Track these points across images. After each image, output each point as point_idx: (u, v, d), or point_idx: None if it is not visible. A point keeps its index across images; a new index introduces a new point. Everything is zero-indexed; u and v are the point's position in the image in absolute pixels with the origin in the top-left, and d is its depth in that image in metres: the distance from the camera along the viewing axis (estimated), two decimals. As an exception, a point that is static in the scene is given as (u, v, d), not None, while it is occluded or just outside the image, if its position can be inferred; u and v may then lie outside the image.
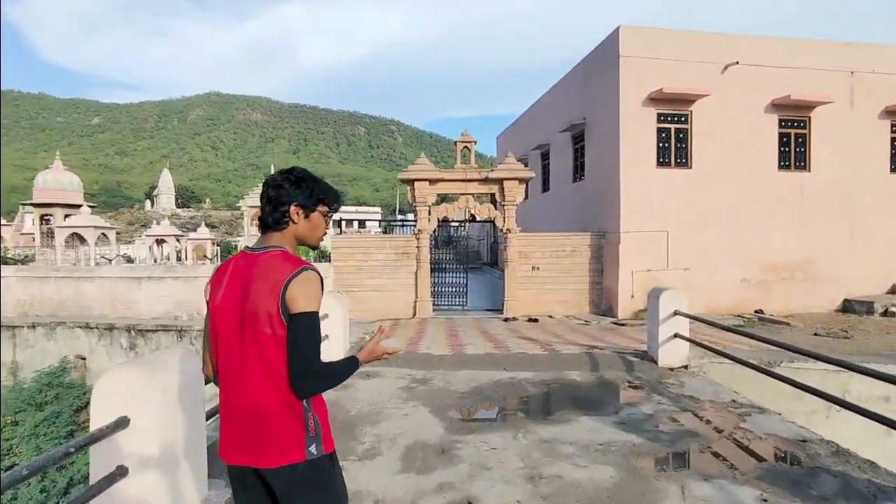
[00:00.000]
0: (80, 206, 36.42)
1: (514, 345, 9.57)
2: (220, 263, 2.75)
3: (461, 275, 16.50)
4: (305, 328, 1.91)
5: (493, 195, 15.66)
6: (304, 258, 2.09)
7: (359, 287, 15.13)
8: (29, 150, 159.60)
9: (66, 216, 30.34)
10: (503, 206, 15.13)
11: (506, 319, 14.42)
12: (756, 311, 14.72)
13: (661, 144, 14.54)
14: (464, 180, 15.06)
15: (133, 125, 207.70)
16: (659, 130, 14.49)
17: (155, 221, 44.03)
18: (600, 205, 15.55)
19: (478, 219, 16.18)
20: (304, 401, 1.99)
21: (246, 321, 1.95)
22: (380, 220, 30.96)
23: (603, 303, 15.28)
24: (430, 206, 15.37)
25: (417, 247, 15.24)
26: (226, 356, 2.01)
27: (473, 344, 9.59)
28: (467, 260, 17.07)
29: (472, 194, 15.31)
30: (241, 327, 1.96)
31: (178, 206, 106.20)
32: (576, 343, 10.00)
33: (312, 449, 1.98)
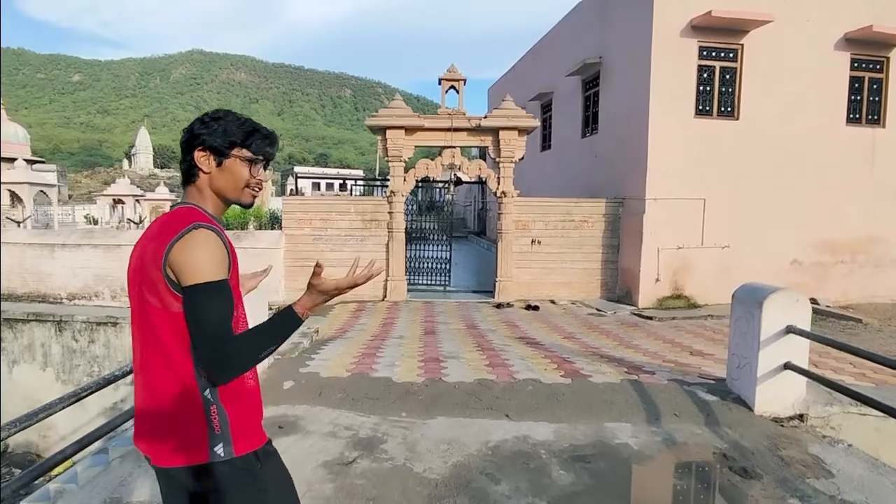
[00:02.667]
0: (31, 161, 32.86)
1: (514, 357, 6.55)
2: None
3: (444, 247, 13.43)
4: (198, 304, 1.52)
5: (484, 150, 12.53)
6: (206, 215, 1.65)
7: (316, 260, 12.02)
8: (10, 107, 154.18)
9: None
10: (498, 163, 12.00)
11: (498, 306, 11.42)
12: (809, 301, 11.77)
13: (701, 88, 11.41)
14: (449, 129, 11.88)
15: (115, 83, 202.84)
16: (700, 70, 11.33)
17: (118, 180, 40.42)
18: (618, 164, 12.45)
19: (465, 179, 13.07)
20: (206, 391, 1.60)
21: (140, 292, 1.61)
22: (363, 182, 27.47)
23: (618, 287, 12.29)
24: (405, 162, 12.22)
25: (390, 212, 12.13)
26: (132, 332, 1.71)
27: (456, 357, 6.54)
28: (451, 229, 13.97)
29: (458, 147, 12.15)
30: (137, 299, 1.63)
31: (158, 166, 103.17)
32: (601, 353, 6.99)
33: (218, 450, 1.61)
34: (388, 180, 12.55)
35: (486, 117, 11.80)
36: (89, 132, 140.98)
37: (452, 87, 12.07)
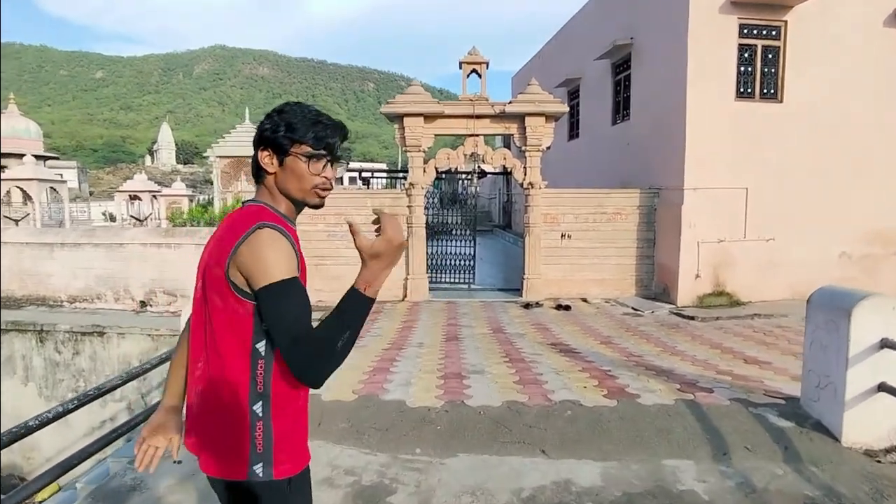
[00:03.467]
0: (46, 157, 32.76)
1: (548, 370, 5.84)
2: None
3: (468, 243, 12.73)
4: (272, 305, 1.43)
5: (509, 137, 11.78)
6: (275, 214, 1.57)
7: (331, 259, 11.44)
8: (33, 105, 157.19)
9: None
10: (524, 151, 11.25)
11: (526, 305, 10.70)
12: None
13: (742, 68, 10.53)
14: (471, 116, 11.15)
15: (137, 79, 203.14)
16: (741, 49, 10.45)
17: (135, 176, 40.11)
18: (653, 153, 11.63)
19: (489, 170, 12.35)
20: (257, 404, 1.52)
21: (203, 293, 1.57)
22: (386, 174, 26.62)
23: (655, 283, 11.50)
24: (425, 153, 11.53)
25: (409, 206, 11.46)
26: (191, 331, 1.66)
27: (482, 371, 5.83)
28: (475, 223, 13.24)
29: (481, 136, 11.41)
30: (200, 299, 1.59)
31: (181, 162, 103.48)
32: (645, 362, 6.26)
33: (258, 469, 1.54)
34: (408, 172, 11.88)
35: (510, 103, 11.05)
36: (112, 128, 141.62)
37: (474, 70, 11.33)
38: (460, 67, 11.43)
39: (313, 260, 11.42)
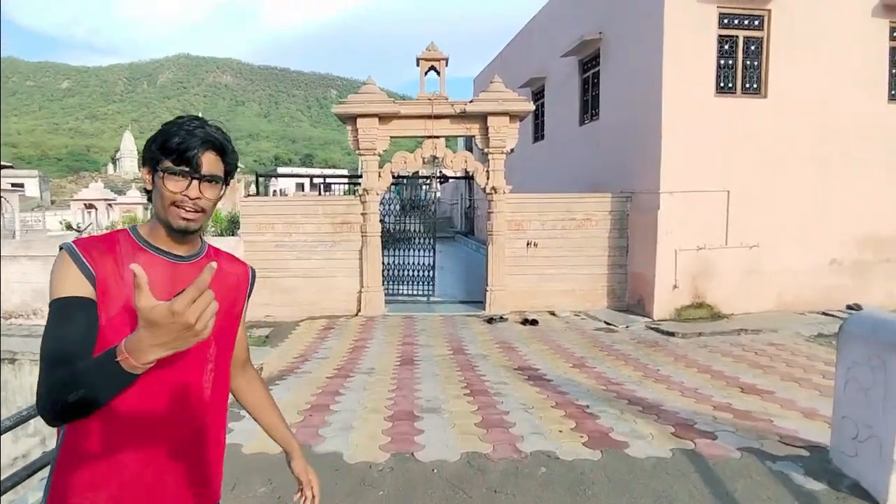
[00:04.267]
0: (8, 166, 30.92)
1: (515, 406, 4.83)
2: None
3: (427, 252, 11.70)
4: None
5: (471, 139, 10.83)
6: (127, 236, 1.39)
7: (281, 271, 10.36)
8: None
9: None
10: (487, 154, 10.31)
11: (489, 320, 9.72)
12: (850, 307, 10.17)
13: (723, 61, 9.76)
14: (430, 116, 10.17)
15: (103, 89, 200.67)
16: (721, 40, 9.68)
17: (90, 184, 38.32)
18: (625, 154, 10.78)
19: (450, 174, 11.41)
20: (54, 443, 1.35)
21: None
22: (347, 180, 25.08)
23: (628, 295, 10.63)
24: (380, 156, 10.51)
25: (363, 213, 10.41)
26: None
27: (438, 409, 4.79)
28: (434, 230, 12.23)
29: (441, 137, 10.44)
30: None
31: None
32: (627, 393, 5.31)
33: None
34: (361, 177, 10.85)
35: (472, 101, 10.10)
36: (77, 138, 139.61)
37: (433, 68, 10.35)
38: (417, 65, 10.43)
39: (261, 273, 10.23)
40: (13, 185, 29.79)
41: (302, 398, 5.20)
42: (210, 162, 1.33)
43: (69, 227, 31.81)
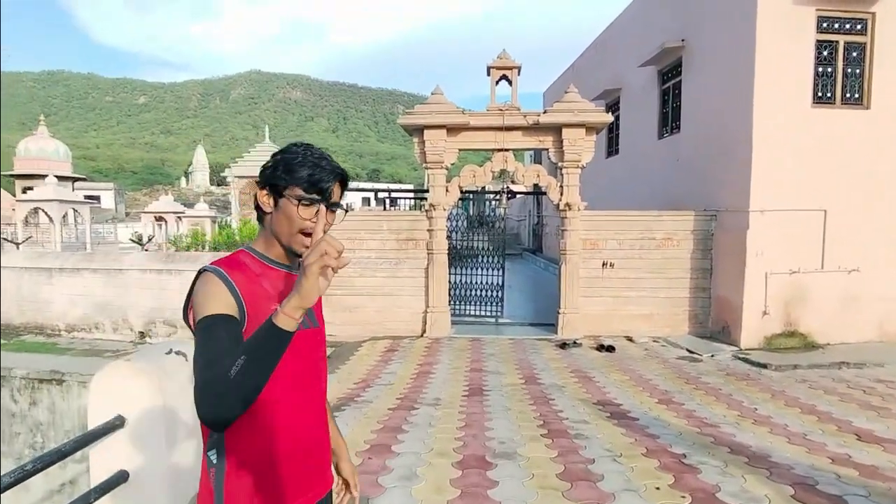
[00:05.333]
0: (75, 178, 32.32)
1: (599, 453, 4.33)
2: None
3: (496, 270, 11.25)
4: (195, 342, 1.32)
5: (539, 153, 10.35)
6: (251, 257, 1.51)
7: (343, 289, 10.11)
8: (79, 129, 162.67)
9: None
10: (561, 168, 9.81)
11: (563, 345, 9.17)
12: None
13: (820, 69, 8.99)
14: (500, 128, 9.77)
15: (177, 104, 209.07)
16: (819, 46, 8.92)
17: (161, 197, 39.43)
18: (709, 169, 10.09)
19: (519, 189, 10.97)
20: (212, 451, 1.42)
21: None
22: (413, 195, 24.88)
23: (711, 320, 9.89)
24: (448, 170, 10.17)
25: (429, 230, 10.07)
26: None
27: (512, 454, 4.33)
28: (504, 248, 11.75)
29: (511, 150, 10.01)
30: None
31: (215, 184, 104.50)
32: (725, 437, 4.71)
33: None
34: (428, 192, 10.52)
35: (545, 112, 9.63)
36: (153, 152, 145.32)
37: (504, 77, 9.96)
38: (488, 74, 10.06)
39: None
40: (88, 196, 30.96)
41: (361, 436, 4.82)
42: (336, 192, 1.47)
43: (137, 240, 32.88)
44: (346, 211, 1.52)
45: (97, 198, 44.03)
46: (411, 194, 23.93)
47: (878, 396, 6.40)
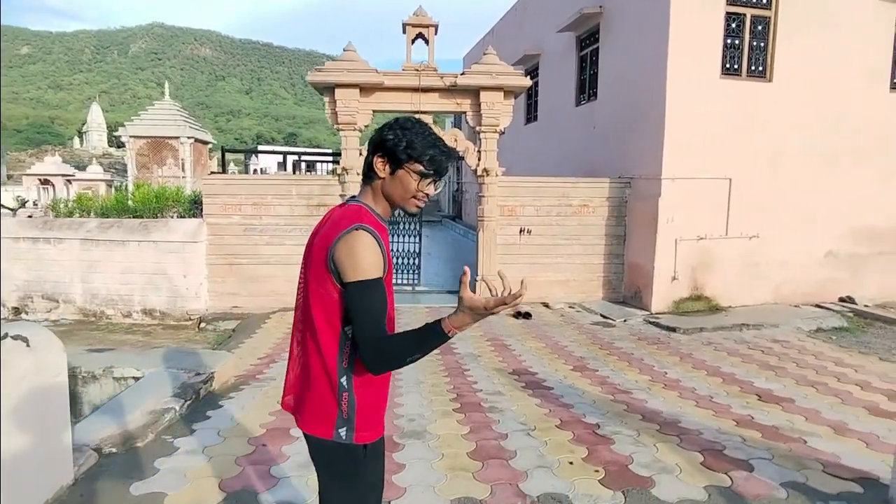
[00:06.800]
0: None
1: (513, 425, 4.26)
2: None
3: (412, 238, 11.07)
4: (353, 299, 1.59)
5: (461, 117, 10.16)
6: (372, 216, 1.73)
7: (248, 257, 9.65)
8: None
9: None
10: (479, 133, 9.66)
11: (479, 312, 9.12)
12: (842, 300, 9.81)
13: (729, 42, 9.18)
14: (417, 89, 9.48)
15: (68, 56, 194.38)
16: (728, 18, 9.10)
17: (45, 158, 36.17)
18: (624, 137, 10.20)
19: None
20: (343, 378, 1.70)
21: (306, 277, 1.77)
22: (332, 158, 23.96)
23: (625, 286, 10.12)
24: (361, 132, 9.82)
25: (342, 195, 9.72)
26: (294, 312, 1.88)
27: (420, 431, 4.20)
28: (421, 215, 11.58)
29: (428, 113, 9.75)
30: (304, 284, 1.79)
31: (114, 145, 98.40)
32: (637, 404, 4.77)
33: (342, 432, 1.72)
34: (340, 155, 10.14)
35: (463, 73, 9.41)
36: (40, 108, 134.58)
37: (420, 35, 9.63)
38: (404, 31, 9.70)
39: (226, 258, 9.62)
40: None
41: (257, 419, 4.43)
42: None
43: (24, 204, 30.48)
44: (438, 181, 1.76)
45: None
46: (330, 158, 23.16)
47: (774, 356, 6.71)
